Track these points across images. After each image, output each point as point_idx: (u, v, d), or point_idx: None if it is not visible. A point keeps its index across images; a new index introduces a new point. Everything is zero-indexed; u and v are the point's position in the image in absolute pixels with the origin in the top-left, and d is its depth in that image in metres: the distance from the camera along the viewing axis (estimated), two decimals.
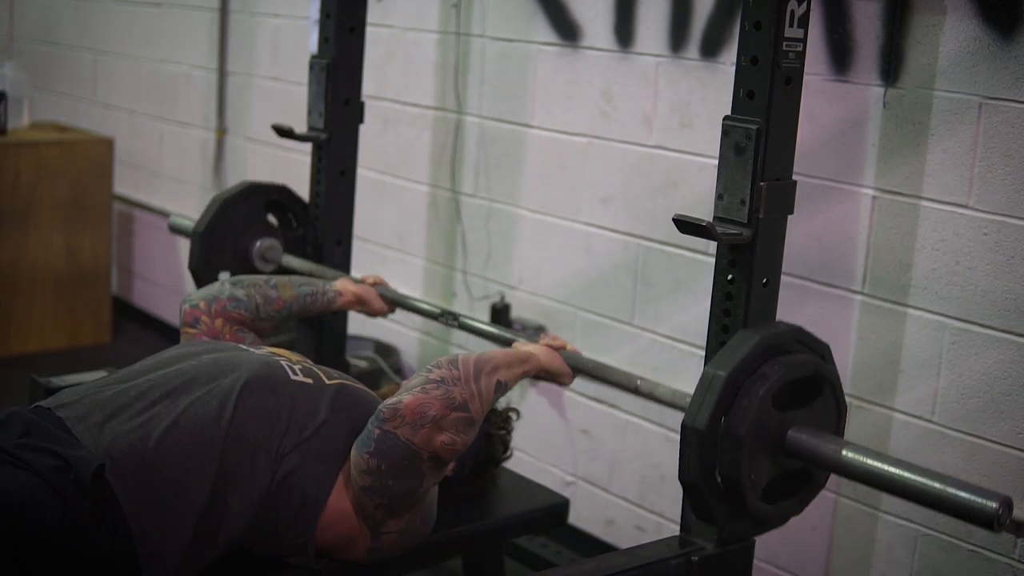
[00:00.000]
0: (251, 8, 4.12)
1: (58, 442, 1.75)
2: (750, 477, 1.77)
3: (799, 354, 1.85)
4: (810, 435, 1.79)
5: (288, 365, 2.02)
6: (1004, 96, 2.18)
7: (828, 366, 1.89)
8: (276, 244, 2.83)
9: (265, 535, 1.94)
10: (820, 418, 1.86)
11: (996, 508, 1.55)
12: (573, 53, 2.98)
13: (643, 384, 2.07)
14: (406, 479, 1.92)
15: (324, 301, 2.50)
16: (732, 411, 1.75)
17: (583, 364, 2.18)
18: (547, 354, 2.18)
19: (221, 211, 2.76)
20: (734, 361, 1.77)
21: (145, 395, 1.88)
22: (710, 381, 1.75)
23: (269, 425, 1.91)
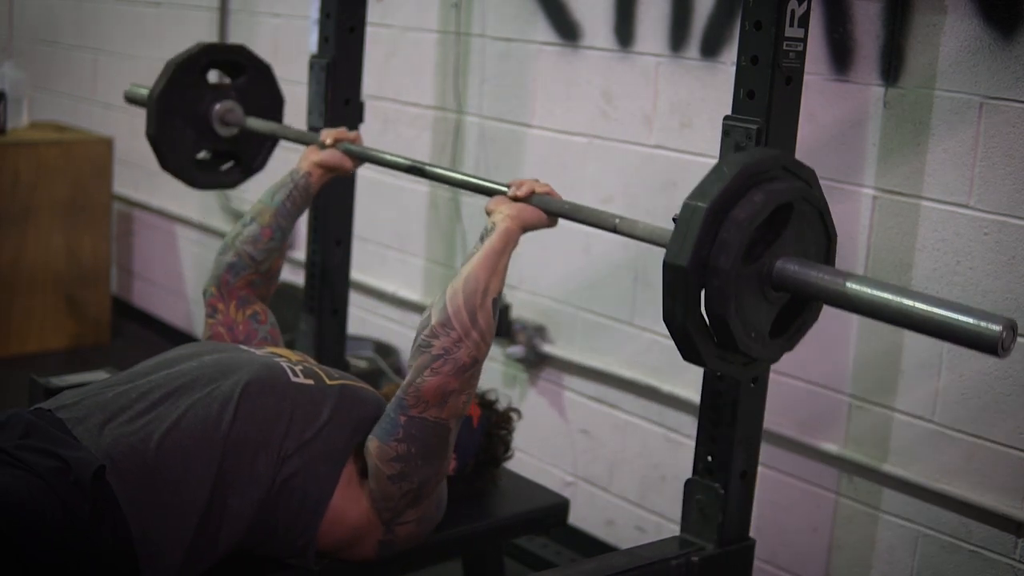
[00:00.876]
0: (251, 8, 4.12)
1: (58, 443, 1.75)
2: (737, 312, 1.64)
3: (784, 181, 1.71)
4: (800, 265, 1.66)
5: (289, 367, 2.02)
6: (1005, 96, 2.17)
7: (815, 192, 1.75)
8: (236, 106, 2.73)
9: (265, 537, 1.94)
10: (809, 248, 1.74)
11: (999, 331, 1.45)
12: (573, 53, 2.98)
13: (621, 223, 1.95)
14: (435, 454, 1.95)
15: (300, 193, 2.40)
16: (716, 244, 1.62)
17: (556, 206, 2.07)
18: (519, 215, 2.05)
19: (175, 76, 2.64)
20: (715, 191, 1.62)
21: (146, 396, 1.87)
22: (691, 214, 1.61)
23: (270, 428, 1.91)
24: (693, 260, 1.61)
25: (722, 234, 1.62)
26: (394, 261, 3.60)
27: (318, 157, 2.44)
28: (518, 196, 2.07)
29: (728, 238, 1.61)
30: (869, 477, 2.48)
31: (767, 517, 2.66)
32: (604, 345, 3.00)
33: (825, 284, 1.63)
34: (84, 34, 5.03)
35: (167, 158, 2.70)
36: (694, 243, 1.60)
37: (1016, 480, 2.24)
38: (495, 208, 2.07)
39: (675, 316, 1.65)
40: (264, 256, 2.33)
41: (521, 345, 3.15)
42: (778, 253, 1.68)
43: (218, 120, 2.72)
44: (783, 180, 1.70)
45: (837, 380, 2.51)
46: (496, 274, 1.98)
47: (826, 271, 1.65)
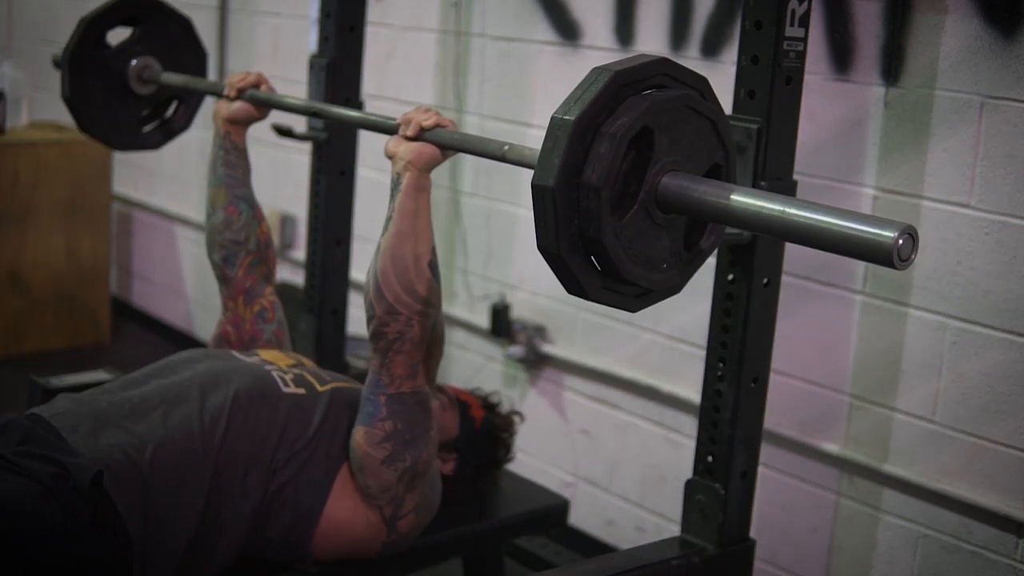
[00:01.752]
0: (251, 7, 4.11)
1: (56, 450, 1.75)
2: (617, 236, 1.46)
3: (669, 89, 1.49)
4: (687, 181, 1.47)
5: (279, 376, 2.02)
6: (1005, 95, 2.17)
7: (707, 103, 1.52)
8: (153, 62, 2.63)
9: (263, 546, 1.95)
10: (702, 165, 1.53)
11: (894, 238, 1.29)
12: (573, 52, 2.98)
13: (509, 150, 1.82)
14: (421, 426, 1.97)
15: (233, 154, 2.33)
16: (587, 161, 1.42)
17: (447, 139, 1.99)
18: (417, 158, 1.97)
19: (87, 33, 2.55)
20: (584, 103, 1.41)
21: (139, 407, 1.88)
22: (557, 128, 1.41)
23: (261, 440, 1.91)
24: (561, 179, 1.41)
25: (595, 149, 1.42)
26: None
27: (227, 112, 2.34)
28: (408, 136, 1.98)
29: (602, 152, 1.42)
30: (869, 477, 2.48)
31: (767, 517, 2.66)
32: (604, 345, 2.99)
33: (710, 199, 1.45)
34: None
35: (85, 120, 2.59)
36: (561, 159, 1.40)
37: (1017, 480, 2.23)
38: (394, 150, 2.00)
39: (547, 244, 1.46)
40: (245, 233, 2.29)
41: (521, 345, 3.14)
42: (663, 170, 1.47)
43: (136, 78, 2.62)
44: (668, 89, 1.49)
45: (837, 380, 2.50)
46: (419, 237, 1.93)
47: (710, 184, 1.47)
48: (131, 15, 2.63)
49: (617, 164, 1.43)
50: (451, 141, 1.98)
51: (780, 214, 1.39)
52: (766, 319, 2.01)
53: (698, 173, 1.51)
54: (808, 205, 1.38)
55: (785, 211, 1.39)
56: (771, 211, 1.40)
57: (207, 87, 2.54)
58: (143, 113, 2.70)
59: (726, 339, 2.00)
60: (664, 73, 1.48)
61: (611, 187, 1.43)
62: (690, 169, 1.50)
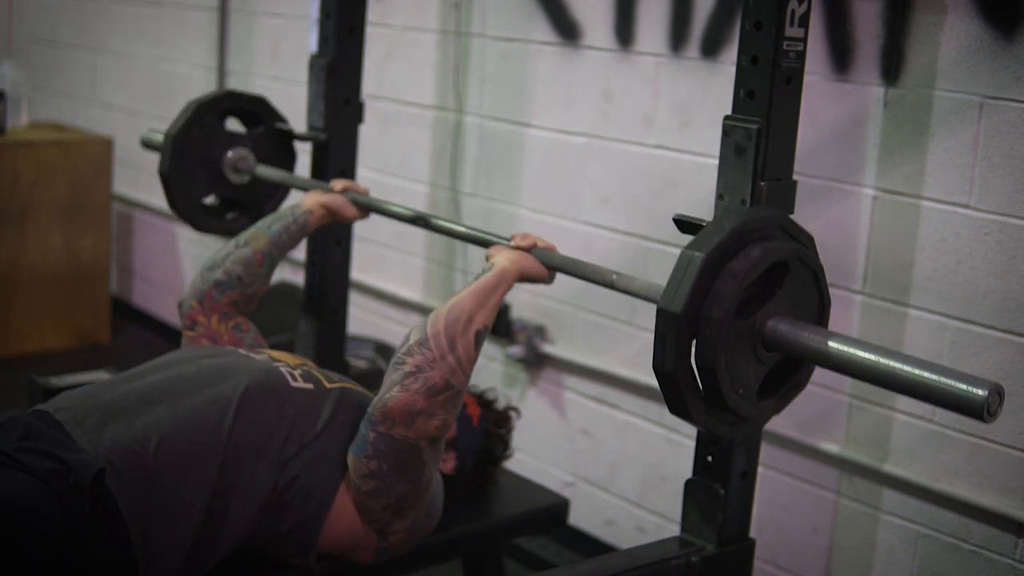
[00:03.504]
0: (251, 7, 4.12)
1: (57, 445, 1.75)
2: (727, 368, 1.66)
3: (781, 240, 1.74)
4: (791, 325, 1.68)
5: (288, 371, 2.02)
6: (1005, 96, 2.17)
7: (811, 254, 1.77)
8: (248, 154, 2.75)
9: (268, 540, 1.94)
10: (803, 310, 1.76)
11: (985, 396, 1.48)
12: (573, 53, 2.98)
13: (618, 279, 1.94)
14: (410, 472, 1.93)
15: (298, 228, 2.41)
16: (710, 295, 1.64)
17: (556, 261, 2.08)
18: (519, 262, 2.05)
19: (195, 117, 2.67)
20: (713, 242, 1.65)
21: (144, 399, 1.87)
22: (688, 263, 1.64)
23: (270, 432, 1.91)
24: (687, 308, 1.63)
25: (717, 285, 1.64)
26: (394, 261, 3.60)
27: (324, 198, 2.46)
28: (520, 245, 2.08)
29: (723, 289, 1.63)
30: (869, 477, 2.48)
31: (767, 517, 2.66)
32: (604, 345, 3.00)
33: (814, 345, 1.66)
34: (84, 34, 5.03)
35: (176, 198, 2.71)
36: (689, 291, 1.62)
37: (1017, 480, 2.24)
38: (495, 252, 2.08)
39: (665, 364, 1.65)
40: (252, 279, 2.32)
41: (521, 345, 3.14)
42: (771, 312, 1.70)
43: (231, 167, 2.75)
44: (780, 240, 1.74)
45: (837, 380, 2.51)
46: (484, 308, 1.96)
47: (816, 331, 1.67)
48: (236, 107, 2.77)
49: (737, 302, 1.64)
50: (559, 262, 2.08)
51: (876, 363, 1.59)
52: None
53: (798, 317, 1.73)
54: (903, 357, 1.58)
55: (881, 361, 1.59)
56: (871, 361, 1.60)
57: (305, 184, 2.64)
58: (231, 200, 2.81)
59: None
60: (780, 227, 1.75)
61: (729, 322, 1.63)
62: (793, 314, 1.73)
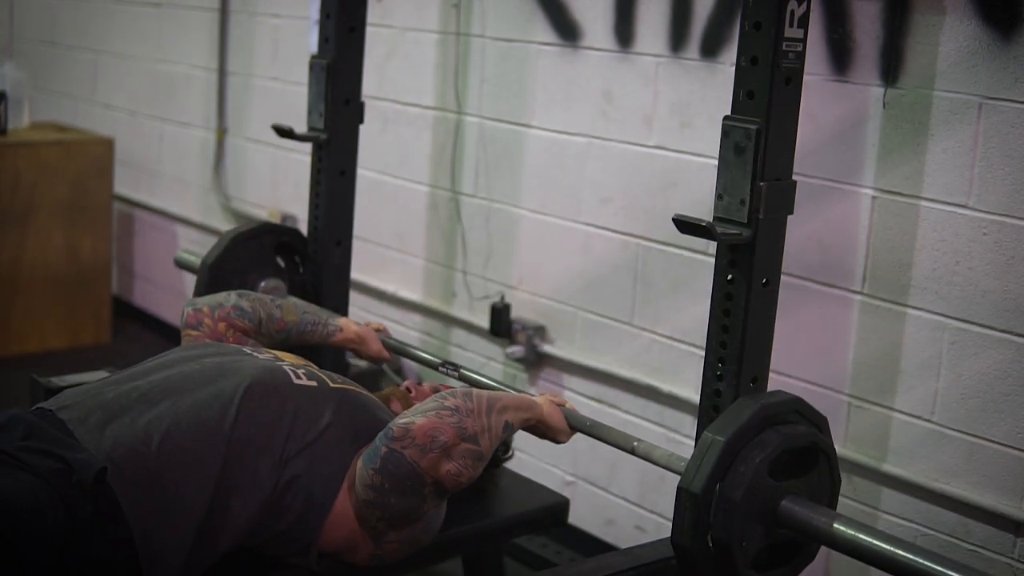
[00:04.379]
0: (251, 8, 4.12)
1: (60, 445, 1.75)
2: (742, 544, 1.76)
3: (797, 425, 1.86)
4: (803, 507, 1.80)
5: (291, 369, 2.02)
6: (1004, 96, 2.18)
7: (825, 438, 1.89)
8: (281, 285, 2.82)
9: (269, 538, 1.94)
10: (815, 489, 1.87)
11: None
12: (573, 53, 2.98)
13: (640, 446, 2.04)
14: (407, 498, 1.92)
15: (324, 332, 2.48)
16: (728, 477, 1.75)
17: (581, 423, 2.15)
18: (549, 407, 2.13)
19: (231, 246, 2.75)
20: (733, 427, 1.77)
21: (146, 397, 1.87)
22: (708, 445, 1.76)
23: (272, 429, 1.91)
24: (706, 489, 1.74)
25: (736, 466, 1.76)
26: (394, 261, 3.60)
27: (357, 328, 2.51)
28: (553, 400, 2.16)
29: (743, 471, 1.75)
30: (869, 477, 2.48)
31: None
32: (604, 345, 3.00)
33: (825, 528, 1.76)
34: (84, 34, 5.03)
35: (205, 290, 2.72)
36: (709, 473, 1.74)
37: (1015, 480, 2.24)
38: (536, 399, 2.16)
39: (683, 539, 1.76)
40: (265, 333, 2.38)
41: (521, 345, 3.15)
42: (785, 491, 1.81)
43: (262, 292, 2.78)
44: (797, 424, 1.86)
45: (837, 380, 2.51)
46: (518, 411, 2.05)
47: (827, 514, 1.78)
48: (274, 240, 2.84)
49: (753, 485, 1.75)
50: (584, 424, 2.15)
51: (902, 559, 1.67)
52: (765, 319, 2.01)
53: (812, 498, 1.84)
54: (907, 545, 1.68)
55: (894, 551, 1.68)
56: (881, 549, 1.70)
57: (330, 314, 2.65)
58: None
59: (725, 339, 2.01)
60: (796, 411, 1.88)
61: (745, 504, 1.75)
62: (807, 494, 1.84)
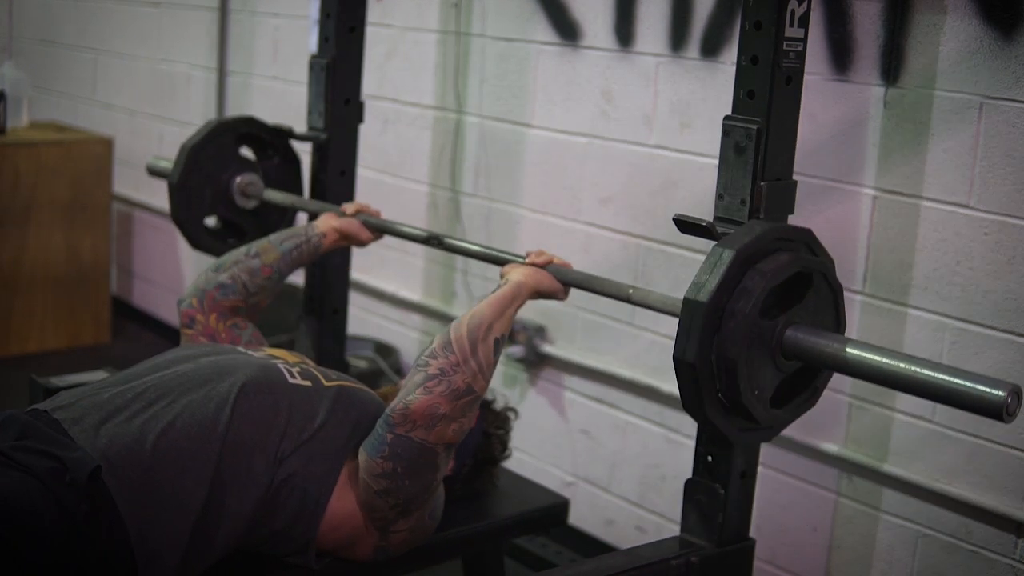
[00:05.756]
0: (251, 8, 4.12)
1: (54, 444, 1.75)
2: (747, 364, 1.72)
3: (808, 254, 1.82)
4: (808, 333, 1.75)
5: (286, 368, 2.02)
6: (1005, 96, 2.17)
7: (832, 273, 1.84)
8: (255, 179, 2.78)
9: (266, 537, 1.94)
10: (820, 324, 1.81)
11: (1004, 396, 1.53)
12: (573, 53, 2.98)
13: (635, 293, 1.98)
14: (423, 475, 1.94)
15: (310, 249, 2.44)
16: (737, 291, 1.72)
17: (571, 277, 2.11)
18: (534, 276, 2.10)
19: (191, 159, 2.70)
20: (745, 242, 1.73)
21: (142, 397, 1.87)
22: (719, 258, 1.71)
23: (266, 428, 1.91)
24: (713, 300, 1.69)
25: (745, 282, 1.71)
26: (394, 261, 3.60)
27: (337, 222, 2.49)
28: (536, 262, 2.12)
29: (750, 286, 1.70)
30: (869, 477, 2.48)
31: (767, 517, 2.66)
32: (604, 345, 3.00)
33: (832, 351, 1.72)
34: (84, 34, 5.03)
35: (181, 210, 2.73)
36: (717, 284, 1.69)
37: (1016, 480, 2.24)
38: (510, 269, 2.12)
39: (685, 353, 1.71)
40: (256, 290, 2.34)
41: (521, 345, 3.15)
42: (791, 320, 1.76)
43: (240, 194, 2.77)
44: (807, 253, 1.82)
45: (837, 380, 2.49)
46: (502, 318, 2.01)
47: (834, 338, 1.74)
48: (253, 133, 2.79)
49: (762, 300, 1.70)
50: (575, 278, 2.10)
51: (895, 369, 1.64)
52: None
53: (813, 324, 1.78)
54: (921, 361, 1.63)
55: (900, 367, 1.64)
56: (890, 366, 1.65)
57: (316, 207, 2.65)
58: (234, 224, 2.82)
59: None
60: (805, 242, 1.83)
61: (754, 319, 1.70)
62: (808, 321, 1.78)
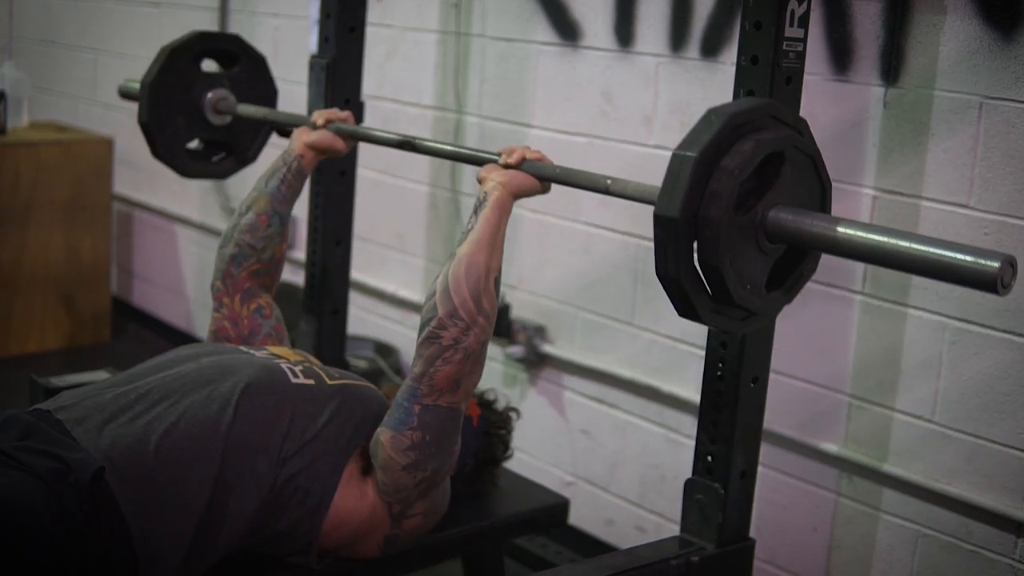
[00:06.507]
0: (251, 8, 4.12)
1: (57, 444, 1.75)
2: (732, 263, 1.62)
3: (774, 130, 1.66)
4: (793, 214, 1.64)
5: (289, 368, 2.02)
6: (1005, 96, 2.17)
7: (807, 140, 1.71)
8: (228, 94, 2.73)
9: (269, 537, 1.94)
10: (803, 197, 1.70)
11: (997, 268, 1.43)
12: (573, 53, 2.98)
13: (613, 184, 1.91)
14: (450, 438, 1.96)
15: (294, 175, 2.38)
16: (706, 195, 1.58)
17: (547, 172, 2.06)
18: (511, 182, 2.02)
19: (169, 60, 2.63)
20: (704, 141, 1.58)
21: (144, 398, 1.87)
22: (679, 165, 1.57)
23: (269, 429, 1.91)
24: (683, 211, 1.57)
25: (712, 184, 1.58)
26: (394, 261, 3.60)
27: (310, 138, 2.41)
28: (509, 163, 2.05)
29: (719, 188, 1.58)
30: (869, 477, 2.48)
31: (767, 517, 2.66)
32: (604, 345, 3.00)
33: (817, 231, 1.61)
34: (84, 34, 5.03)
35: (159, 146, 2.67)
36: (684, 193, 1.56)
37: (1016, 480, 2.24)
38: (486, 175, 2.05)
39: (668, 269, 1.61)
40: (264, 244, 2.32)
41: (521, 345, 3.15)
42: (771, 203, 1.65)
43: (210, 108, 2.71)
44: (773, 129, 1.66)
45: (837, 380, 2.51)
46: (495, 251, 1.96)
47: (818, 217, 1.62)
48: (211, 48, 2.74)
49: (734, 198, 1.58)
50: (552, 173, 2.04)
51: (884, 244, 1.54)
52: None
53: (800, 205, 1.67)
54: (910, 236, 1.52)
55: (889, 241, 1.54)
56: (879, 241, 1.54)
57: (288, 119, 2.60)
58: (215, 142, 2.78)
59: (726, 339, 2.01)
60: (771, 115, 1.66)
61: (728, 218, 1.58)
62: (794, 202, 1.67)
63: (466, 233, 1.97)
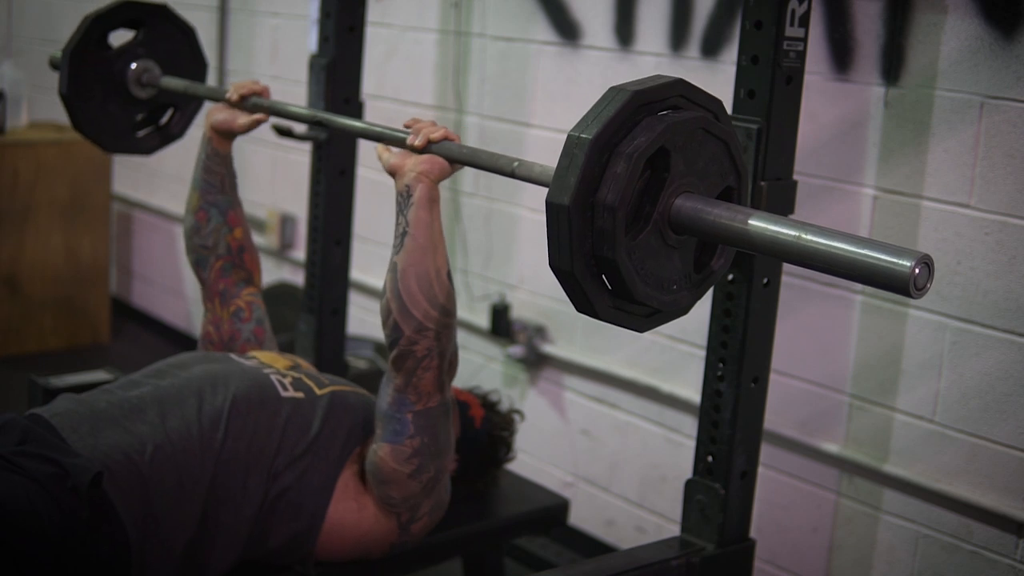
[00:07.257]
0: (251, 7, 4.11)
1: (55, 449, 1.75)
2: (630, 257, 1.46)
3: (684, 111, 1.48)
4: (701, 203, 1.46)
5: (278, 380, 2.02)
6: (1005, 95, 2.17)
7: (722, 125, 1.51)
8: (152, 65, 2.60)
9: (265, 551, 1.95)
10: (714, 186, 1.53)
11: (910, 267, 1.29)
12: (573, 52, 2.98)
13: (519, 166, 1.77)
14: (446, 431, 1.97)
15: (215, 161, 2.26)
16: (603, 181, 1.41)
17: (455, 153, 1.92)
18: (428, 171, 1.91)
19: (91, 29, 2.52)
20: (602, 122, 1.40)
21: (137, 409, 1.88)
22: (574, 147, 1.40)
23: (261, 445, 1.91)
24: (577, 198, 1.40)
25: (610, 169, 1.41)
26: None
27: (213, 119, 2.27)
28: (416, 147, 1.92)
29: (618, 172, 1.41)
30: (869, 477, 2.48)
31: (767, 517, 2.66)
32: (604, 345, 3.00)
33: (723, 221, 1.45)
34: None
35: (80, 119, 2.55)
36: (577, 179, 1.40)
37: (1017, 480, 2.23)
38: (400, 165, 1.94)
39: (560, 262, 1.46)
40: (213, 240, 2.26)
41: (521, 345, 3.14)
42: (677, 191, 1.47)
43: (135, 82, 2.59)
44: (683, 110, 1.49)
45: (837, 380, 2.50)
46: (438, 250, 1.90)
47: (725, 208, 1.46)
48: (135, 17, 2.61)
49: (633, 184, 1.42)
50: (460, 155, 1.92)
51: (795, 240, 1.39)
52: (766, 319, 2.01)
53: (711, 195, 1.51)
54: (824, 231, 1.38)
55: (801, 236, 1.39)
56: (786, 236, 1.39)
57: (207, 92, 2.50)
58: (139, 117, 2.66)
59: (726, 339, 2.00)
60: (680, 94, 1.48)
61: (626, 207, 1.42)
62: (703, 191, 1.50)
63: (400, 238, 1.91)
